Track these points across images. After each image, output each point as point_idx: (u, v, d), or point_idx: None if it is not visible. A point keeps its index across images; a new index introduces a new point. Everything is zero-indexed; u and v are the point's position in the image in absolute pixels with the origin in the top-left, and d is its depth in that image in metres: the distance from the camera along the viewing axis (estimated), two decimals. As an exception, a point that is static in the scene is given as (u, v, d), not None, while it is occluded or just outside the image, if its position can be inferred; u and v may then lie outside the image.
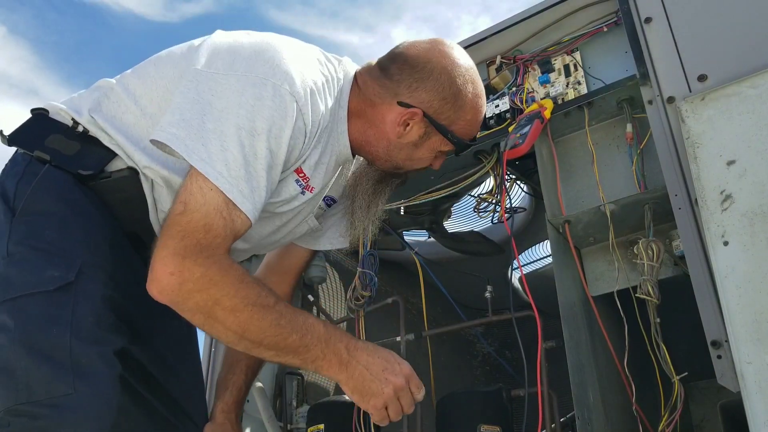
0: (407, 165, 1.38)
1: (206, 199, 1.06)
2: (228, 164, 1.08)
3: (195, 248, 1.05)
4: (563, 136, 1.66)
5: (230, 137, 1.08)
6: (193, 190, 1.07)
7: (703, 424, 2.01)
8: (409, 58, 1.30)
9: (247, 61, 1.16)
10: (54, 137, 1.19)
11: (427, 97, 1.29)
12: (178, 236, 1.05)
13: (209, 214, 1.06)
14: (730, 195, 1.13)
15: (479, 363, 2.71)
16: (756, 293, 1.06)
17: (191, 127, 1.09)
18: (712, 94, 1.23)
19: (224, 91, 1.12)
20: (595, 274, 1.53)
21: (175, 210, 1.08)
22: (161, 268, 1.04)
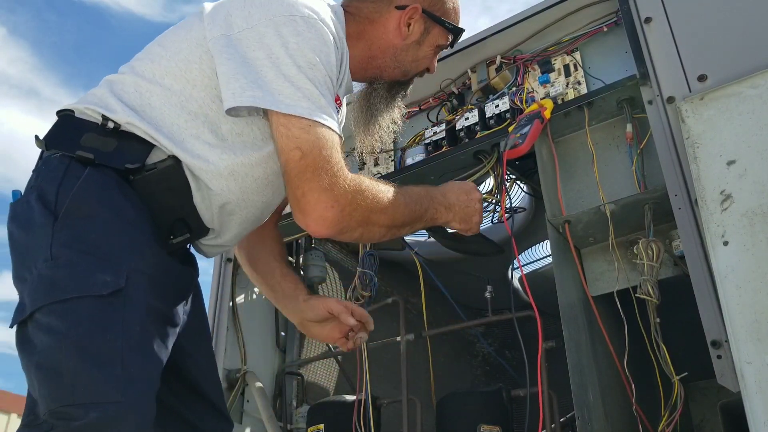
0: (413, 67, 1.48)
1: (312, 135, 1.15)
2: (310, 98, 1.16)
3: (332, 177, 1.15)
4: (563, 136, 1.66)
5: (296, 77, 1.16)
6: (296, 133, 1.15)
7: (703, 424, 2.01)
8: None
9: (262, 7, 1.21)
10: (88, 136, 1.18)
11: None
12: (314, 175, 1.14)
13: (323, 145, 1.16)
14: (730, 195, 1.13)
15: (479, 363, 2.70)
16: (756, 293, 1.06)
17: (261, 84, 1.15)
18: (712, 94, 1.23)
19: (263, 40, 1.18)
20: (595, 274, 1.53)
21: (293, 157, 1.15)
22: (320, 206, 1.15)
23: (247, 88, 1.15)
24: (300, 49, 1.18)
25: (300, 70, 1.16)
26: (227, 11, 1.23)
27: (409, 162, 1.86)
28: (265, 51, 1.17)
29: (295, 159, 1.15)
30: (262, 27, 1.19)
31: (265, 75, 1.16)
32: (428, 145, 1.85)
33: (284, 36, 1.18)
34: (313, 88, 1.17)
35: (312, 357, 2.08)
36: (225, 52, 1.19)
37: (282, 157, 1.17)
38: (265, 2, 1.22)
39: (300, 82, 1.16)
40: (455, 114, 1.86)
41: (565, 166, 1.62)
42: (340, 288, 2.24)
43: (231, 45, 1.19)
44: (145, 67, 1.26)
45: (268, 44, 1.18)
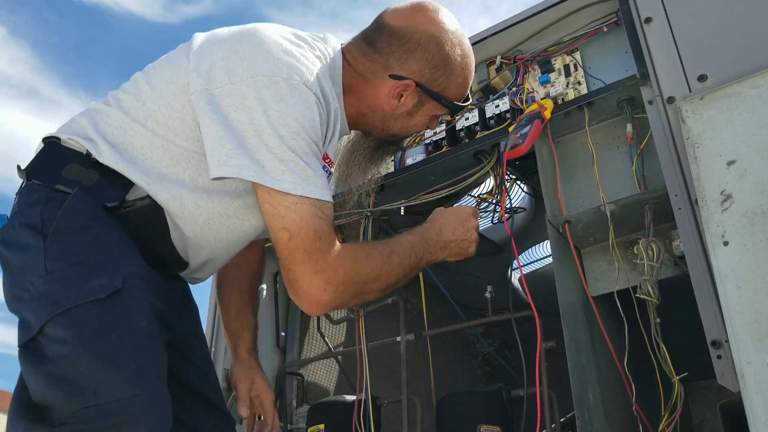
0: (403, 132, 1.44)
1: (299, 212, 1.13)
2: (294, 171, 1.13)
3: (322, 256, 1.15)
4: (563, 136, 1.66)
5: (279, 148, 1.13)
6: (282, 213, 1.13)
7: (703, 424, 2.01)
8: (395, 29, 1.32)
9: (245, 62, 1.17)
10: (71, 167, 1.19)
11: (417, 68, 1.31)
12: (304, 257, 1.14)
13: (311, 223, 1.14)
14: (730, 195, 1.13)
15: (479, 363, 2.70)
16: (756, 293, 1.06)
17: (245, 152, 1.13)
18: (712, 94, 1.23)
19: (244, 102, 1.15)
20: (595, 274, 1.53)
21: (281, 238, 1.15)
22: (312, 290, 1.15)
23: (232, 155, 1.13)
24: (282, 117, 1.14)
25: (282, 140, 1.13)
26: (212, 60, 1.20)
27: (409, 162, 1.86)
28: (248, 115, 1.14)
29: (283, 240, 1.14)
30: (244, 86, 1.15)
31: (249, 142, 1.14)
32: (428, 145, 1.85)
33: (266, 101, 1.14)
34: (296, 159, 1.14)
35: (312, 357, 2.08)
36: (208, 111, 1.16)
37: (270, 234, 1.17)
38: (249, 56, 1.18)
39: (283, 153, 1.13)
40: (455, 114, 1.86)
41: (565, 166, 1.61)
42: (340, 288, 2.24)
43: (213, 102, 1.16)
44: (130, 104, 1.25)
45: (250, 108, 1.14)
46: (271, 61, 1.17)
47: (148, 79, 1.27)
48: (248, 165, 1.12)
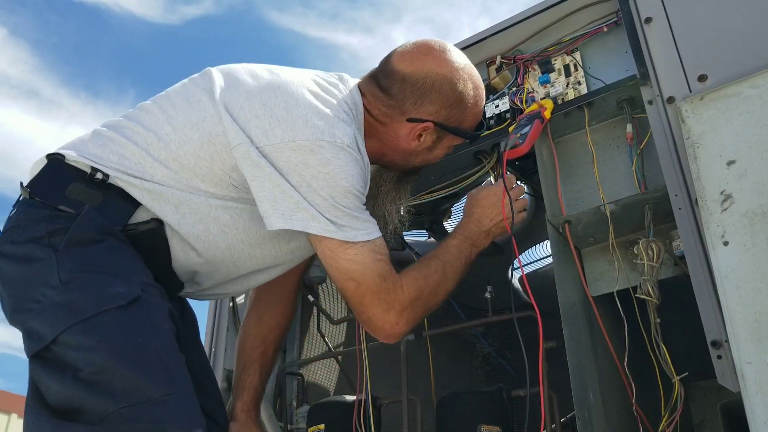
0: (424, 164, 1.49)
1: (361, 262, 1.22)
2: (349, 225, 1.21)
3: (389, 294, 1.24)
4: (563, 136, 1.66)
5: (332, 207, 1.20)
6: (345, 266, 1.21)
7: (703, 424, 2.01)
8: (407, 75, 1.34)
9: (283, 124, 1.20)
10: (74, 187, 1.20)
11: (434, 109, 1.35)
12: (374, 300, 1.23)
13: (373, 268, 1.23)
14: (730, 195, 1.13)
15: (479, 363, 2.70)
16: (756, 293, 1.06)
17: (307, 207, 1.18)
18: (712, 94, 1.22)
19: (289, 164, 1.19)
20: (595, 275, 1.53)
21: (349, 288, 1.23)
22: (387, 326, 1.26)
23: (297, 209, 1.18)
24: (331, 178, 1.19)
25: (335, 200, 1.20)
26: (245, 117, 1.21)
27: (409, 162, 1.86)
28: (298, 176, 1.19)
29: (351, 289, 1.23)
30: (288, 150, 1.18)
31: (308, 198, 1.19)
32: (428, 145, 1.85)
33: (312, 165, 1.18)
34: (350, 213, 1.21)
35: (312, 357, 2.08)
36: (263, 164, 1.19)
37: (337, 284, 1.25)
38: (287, 118, 1.20)
39: (337, 211, 1.20)
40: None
41: (565, 166, 1.61)
42: (340, 288, 2.24)
43: (262, 158, 1.19)
44: (151, 142, 1.24)
45: (299, 171, 1.19)
46: (310, 126, 1.20)
47: (169, 120, 1.26)
48: (313, 218, 1.18)
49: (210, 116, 1.23)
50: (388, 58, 1.38)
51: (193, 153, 1.22)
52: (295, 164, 1.18)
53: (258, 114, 1.21)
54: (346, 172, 1.20)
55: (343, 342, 2.23)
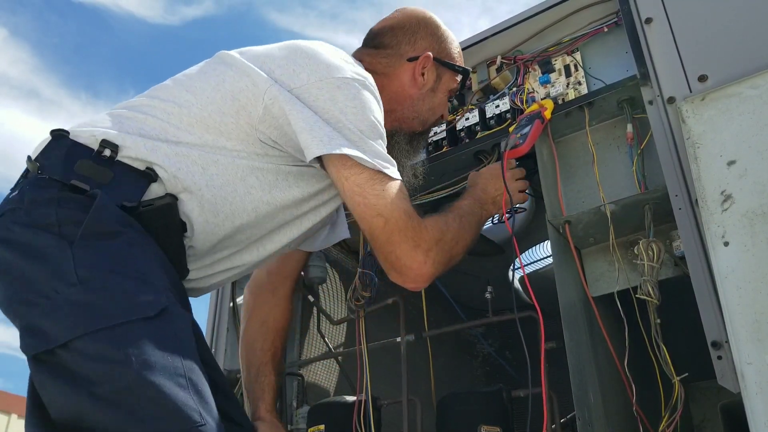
0: (430, 115, 1.55)
1: (389, 197, 1.21)
2: (380, 159, 1.22)
3: (416, 232, 1.23)
4: (564, 136, 1.66)
5: (361, 140, 1.21)
6: (373, 201, 1.20)
7: (703, 424, 2.01)
8: (395, 25, 1.52)
9: (307, 68, 1.24)
10: (82, 163, 1.12)
11: (426, 44, 1.51)
12: (402, 237, 1.22)
13: (400, 205, 1.22)
14: (731, 195, 1.13)
15: (479, 363, 2.70)
16: (756, 293, 1.06)
17: (340, 136, 1.19)
18: (713, 94, 1.22)
19: (319, 102, 1.22)
20: (595, 275, 1.53)
21: (377, 225, 1.21)
22: (415, 265, 1.23)
23: (333, 137, 1.18)
24: (359, 112, 1.22)
25: (363, 134, 1.22)
26: (269, 68, 1.25)
27: (410, 162, 1.86)
28: (327, 112, 1.21)
29: (380, 226, 1.21)
30: (314, 89, 1.21)
31: (342, 131, 1.20)
32: (429, 145, 1.85)
33: (339, 101, 1.21)
34: (377, 149, 1.23)
35: (312, 358, 2.08)
36: (295, 102, 1.20)
37: (363, 224, 1.23)
38: (310, 64, 1.25)
39: (365, 145, 1.21)
40: (456, 114, 1.86)
41: (566, 167, 1.61)
42: (340, 288, 2.24)
43: (293, 96, 1.21)
44: (171, 111, 1.22)
45: (326, 108, 1.20)
46: (333, 66, 1.25)
47: (188, 88, 1.26)
48: (349, 144, 1.19)
49: (230, 76, 1.25)
50: (371, 29, 1.54)
51: (218, 111, 1.22)
52: (323, 101, 1.21)
53: (281, 65, 1.25)
54: (371, 107, 1.25)
55: (343, 342, 2.23)
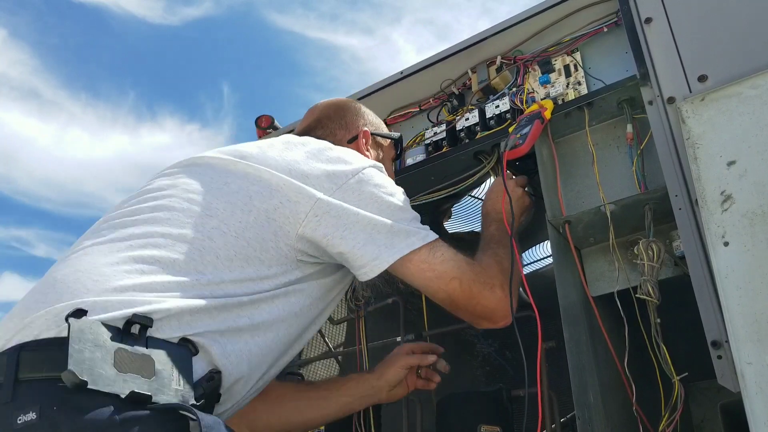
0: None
1: (449, 258, 1.24)
2: (424, 229, 1.26)
3: (485, 275, 1.27)
4: (563, 136, 1.66)
5: (407, 222, 1.23)
6: (440, 268, 1.22)
7: (703, 424, 2.01)
8: (320, 118, 1.54)
9: (329, 170, 1.22)
10: (120, 353, 0.88)
11: (357, 123, 1.54)
12: (481, 286, 1.25)
13: (461, 258, 1.26)
14: (731, 195, 1.13)
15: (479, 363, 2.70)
16: (756, 293, 1.06)
17: (390, 236, 1.20)
18: (713, 94, 1.23)
19: (362, 198, 1.21)
20: (595, 275, 1.53)
21: (455, 288, 1.23)
22: (501, 305, 1.26)
23: (392, 235, 1.19)
24: (392, 195, 1.24)
25: (404, 213, 1.23)
26: (297, 176, 1.17)
27: (410, 162, 1.86)
28: (373, 205, 1.20)
29: (458, 288, 1.23)
30: (349, 190, 1.20)
31: (386, 225, 1.20)
32: (428, 145, 1.85)
33: (375, 192, 1.22)
34: (418, 221, 1.26)
35: (312, 357, 2.08)
36: (341, 211, 1.17)
37: (441, 294, 1.24)
38: (328, 165, 1.22)
39: (413, 225, 1.24)
40: (455, 114, 1.86)
41: (566, 167, 1.62)
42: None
43: (339, 203, 1.17)
44: (201, 248, 1.05)
45: (370, 201, 1.20)
46: (349, 160, 1.26)
47: (207, 212, 1.10)
48: (407, 235, 1.20)
49: (256, 192, 1.14)
50: (295, 135, 1.46)
51: (256, 237, 1.10)
52: (365, 197, 1.20)
53: (306, 172, 1.18)
54: (394, 185, 1.28)
55: (342, 342, 2.23)
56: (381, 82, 2.00)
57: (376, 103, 2.04)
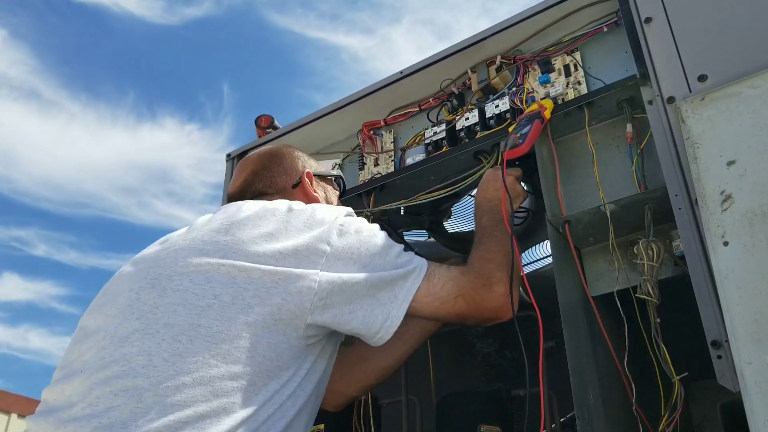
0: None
1: (447, 276, 1.26)
2: (415, 259, 1.27)
3: (481, 280, 1.28)
4: (563, 136, 1.65)
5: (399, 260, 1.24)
6: (445, 292, 1.25)
7: (703, 424, 2.01)
8: (256, 170, 1.48)
9: (309, 227, 1.19)
10: None
11: (296, 166, 1.50)
12: (481, 294, 1.27)
13: (455, 272, 1.28)
14: (731, 195, 1.13)
15: (479, 363, 2.70)
16: (756, 293, 1.06)
17: (391, 288, 1.20)
18: (712, 94, 1.22)
19: (351, 251, 1.19)
20: (595, 275, 1.53)
21: (462, 305, 1.26)
22: (503, 299, 1.28)
23: (394, 286, 1.20)
24: (376, 237, 1.24)
25: (393, 251, 1.24)
26: (276, 258, 1.10)
27: (409, 162, 1.86)
28: (364, 256, 1.20)
29: (464, 304, 1.26)
30: (336, 250, 1.17)
31: (389, 265, 1.21)
32: (428, 145, 1.85)
33: (360, 238, 1.21)
34: (404, 255, 1.26)
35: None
36: (343, 283, 1.14)
37: (451, 316, 1.27)
38: (307, 226, 1.18)
39: (401, 256, 1.24)
40: (455, 114, 1.86)
41: (565, 166, 1.61)
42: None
43: (338, 271, 1.14)
44: (219, 375, 0.98)
45: (358, 252, 1.20)
46: (322, 214, 1.22)
47: (209, 349, 1.00)
48: (405, 280, 1.21)
49: (251, 296, 1.05)
50: (232, 191, 1.47)
51: (271, 348, 1.05)
52: (353, 251, 1.18)
53: (292, 249, 1.12)
54: (366, 222, 1.27)
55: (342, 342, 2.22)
56: (381, 82, 2.00)
57: (376, 103, 2.04)
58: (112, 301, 1.12)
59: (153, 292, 1.07)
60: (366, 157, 2.02)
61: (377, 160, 2.00)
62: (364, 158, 2.02)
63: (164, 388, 0.95)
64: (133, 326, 1.03)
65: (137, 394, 0.94)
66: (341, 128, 2.17)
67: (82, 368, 1.03)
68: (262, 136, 2.29)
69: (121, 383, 0.96)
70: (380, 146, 2.02)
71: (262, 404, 1.02)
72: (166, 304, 1.04)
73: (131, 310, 1.07)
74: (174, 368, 0.96)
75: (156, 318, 1.03)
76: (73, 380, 1.02)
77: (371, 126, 2.06)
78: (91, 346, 1.05)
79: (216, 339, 1.00)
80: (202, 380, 0.97)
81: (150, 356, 0.98)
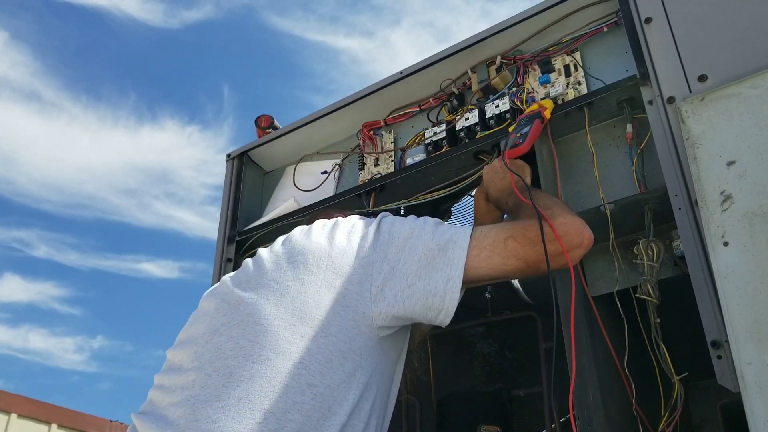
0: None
1: (493, 236, 1.19)
2: (452, 228, 1.23)
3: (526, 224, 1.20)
4: (563, 136, 1.65)
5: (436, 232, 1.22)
6: (491, 244, 1.18)
7: (703, 424, 2.01)
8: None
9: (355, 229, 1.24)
10: None
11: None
12: (531, 231, 1.17)
13: (502, 230, 1.20)
14: (730, 195, 1.13)
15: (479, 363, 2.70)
16: (756, 293, 1.06)
17: (445, 257, 1.17)
18: (712, 94, 1.23)
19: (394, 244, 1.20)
20: (595, 275, 1.53)
21: (511, 247, 1.18)
22: (575, 222, 1.20)
23: (449, 269, 1.17)
24: (405, 220, 1.24)
25: (421, 223, 1.22)
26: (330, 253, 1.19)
27: (409, 162, 1.86)
28: (406, 249, 1.19)
29: (517, 247, 1.17)
30: (381, 237, 1.20)
31: (434, 249, 1.18)
32: (428, 145, 1.85)
33: (386, 232, 1.22)
34: (444, 225, 1.23)
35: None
36: (397, 289, 1.16)
37: (509, 265, 1.18)
38: (350, 226, 1.24)
39: (436, 224, 1.23)
40: (455, 114, 1.86)
41: (565, 166, 1.61)
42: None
43: (392, 273, 1.17)
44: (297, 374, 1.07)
45: (401, 242, 1.20)
46: (358, 217, 1.28)
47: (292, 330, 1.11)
48: (459, 250, 1.17)
49: (315, 292, 1.16)
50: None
51: (342, 331, 1.13)
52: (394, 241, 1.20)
53: (346, 247, 1.20)
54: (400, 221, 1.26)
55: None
56: (381, 82, 2.00)
57: (376, 103, 2.04)
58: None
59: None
60: (366, 157, 2.02)
61: (377, 160, 2.00)
62: (364, 158, 2.02)
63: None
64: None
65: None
66: (341, 128, 2.17)
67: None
68: (263, 136, 2.29)
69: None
70: (380, 146, 2.02)
71: (339, 383, 1.09)
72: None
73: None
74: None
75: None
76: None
77: (371, 126, 2.06)
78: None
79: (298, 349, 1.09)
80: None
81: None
